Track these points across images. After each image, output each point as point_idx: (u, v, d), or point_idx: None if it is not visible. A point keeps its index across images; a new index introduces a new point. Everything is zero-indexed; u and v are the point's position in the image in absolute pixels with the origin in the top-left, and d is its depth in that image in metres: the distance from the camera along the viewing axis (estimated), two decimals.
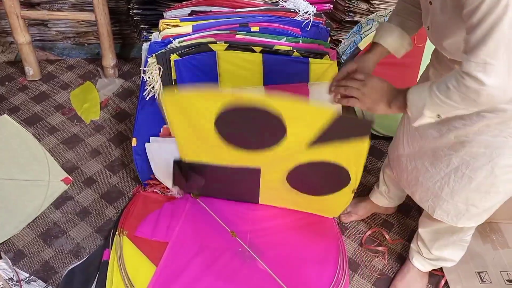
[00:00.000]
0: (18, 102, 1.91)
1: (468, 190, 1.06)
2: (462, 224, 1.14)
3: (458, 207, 1.10)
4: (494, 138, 0.95)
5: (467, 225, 1.15)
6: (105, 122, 1.88)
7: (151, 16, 1.83)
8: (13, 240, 1.44)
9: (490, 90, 0.77)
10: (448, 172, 1.06)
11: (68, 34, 2.19)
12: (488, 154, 0.98)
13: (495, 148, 0.97)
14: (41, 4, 2.04)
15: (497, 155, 0.97)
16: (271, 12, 1.52)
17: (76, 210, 1.55)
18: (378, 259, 1.50)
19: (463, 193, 1.07)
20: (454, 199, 1.09)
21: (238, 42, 1.44)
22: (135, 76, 2.09)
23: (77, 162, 1.71)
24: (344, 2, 1.94)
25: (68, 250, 1.44)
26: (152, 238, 1.43)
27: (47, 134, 1.79)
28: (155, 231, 1.45)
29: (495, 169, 0.99)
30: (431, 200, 1.15)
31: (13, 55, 2.14)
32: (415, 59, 1.86)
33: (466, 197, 1.08)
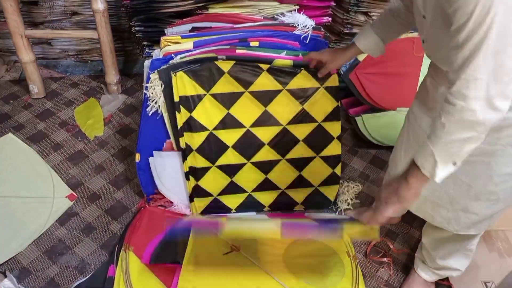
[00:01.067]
0: (22, 120, 1.94)
1: (468, 198, 1.06)
2: (464, 231, 1.14)
3: (458, 215, 1.10)
4: (492, 147, 0.96)
5: (468, 233, 1.15)
6: (109, 137, 1.90)
7: (152, 33, 1.86)
8: (18, 258, 1.45)
9: (483, 104, 0.77)
10: (447, 180, 1.06)
11: (71, 52, 2.22)
12: (486, 162, 0.98)
13: (493, 156, 0.97)
14: (45, 23, 2.08)
15: (496, 163, 0.98)
16: (270, 27, 1.53)
17: (80, 226, 1.56)
18: (383, 269, 1.50)
19: (462, 201, 1.07)
20: (454, 207, 1.09)
21: (239, 57, 1.46)
22: (138, 91, 2.12)
23: (81, 178, 1.72)
24: (343, 15, 1.97)
25: (73, 266, 1.44)
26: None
27: (52, 151, 1.81)
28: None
29: (494, 177, 1.00)
30: (430, 209, 1.16)
31: (18, 74, 2.18)
32: (414, 69, 1.88)
33: (465, 205, 1.08)
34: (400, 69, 1.89)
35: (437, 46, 0.93)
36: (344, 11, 1.96)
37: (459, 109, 0.78)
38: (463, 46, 0.76)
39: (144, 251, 1.43)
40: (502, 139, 0.94)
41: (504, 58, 0.74)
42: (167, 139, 1.53)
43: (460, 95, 0.78)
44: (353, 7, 1.92)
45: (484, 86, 0.76)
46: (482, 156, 0.98)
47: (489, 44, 0.73)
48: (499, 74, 0.75)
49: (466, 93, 0.77)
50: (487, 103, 0.77)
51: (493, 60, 0.74)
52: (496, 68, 0.75)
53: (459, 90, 0.78)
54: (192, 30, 1.57)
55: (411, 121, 1.17)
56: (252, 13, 1.70)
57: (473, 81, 0.76)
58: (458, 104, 0.78)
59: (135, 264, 1.39)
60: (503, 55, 0.74)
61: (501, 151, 0.96)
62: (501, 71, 0.75)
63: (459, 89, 0.78)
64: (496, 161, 0.97)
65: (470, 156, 0.96)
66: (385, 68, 1.88)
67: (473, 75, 0.76)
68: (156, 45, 1.88)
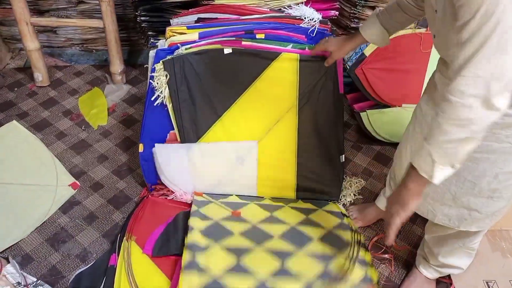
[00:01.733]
0: (27, 107, 1.94)
1: (471, 195, 1.05)
2: (464, 228, 1.14)
3: (461, 212, 1.10)
4: (500, 144, 0.95)
5: (469, 229, 1.14)
6: (113, 127, 1.89)
7: (158, 23, 1.85)
8: (21, 245, 1.45)
9: (482, 102, 0.76)
10: (450, 177, 1.05)
11: (76, 41, 2.22)
12: (492, 160, 0.98)
13: (500, 154, 0.96)
14: (50, 11, 2.07)
15: (502, 161, 0.97)
16: (277, 19, 1.52)
17: (83, 215, 1.56)
18: (384, 266, 1.50)
19: (465, 198, 1.07)
20: (457, 204, 1.09)
21: (244, 49, 1.45)
22: (142, 82, 2.11)
23: (84, 167, 1.72)
24: (350, 9, 1.95)
25: (75, 254, 1.45)
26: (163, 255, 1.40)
27: (55, 140, 1.81)
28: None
29: (499, 175, 0.99)
30: (430, 205, 1.15)
31: (23, 62, 2.18)
32: (420, 65, 1.86)
33: (468, 201, 1.07)
34: (406, 66, 1.87)
35: (447, 42, 0.92)
36: (351, 5, 1.94)
37: (455, 105, 0.78)
38: (466, 43, 0.75)
39: (146, 241, 1.43)
40: (510, 137, 0.93)
41: (506, 58, 0.74)
42: (171, 130, 1.53)
43: (457, 92, 0.77)
44: (360, 1, 1.90)
45: (485, 85, 0.75)
46: (488, 153, 0.97)
47: (493, 43, 0.73)
48: (500, 73, 0.74)
49: (464, 89, 0.76)
50: (485, 101, 0.76)
51: (496, 59, 0.74)
52: (497, 67, 0.74)
53: (457, 86, 0.77)
54: (197, 20, 1.56)
55: (418, 117, 1.16)
56: (259, 5, 1.69)
57: (473, 79, 0.76)
58: (454, 100, 0.78)
59: (137, 254, 1.39)
60: (505, 54, 0.73)
61: (509, 149, 0.95)
62: (503, 71, 0.74)
63: (457, 86, 0.77)
64: (502, 158, 0.96)
65: (475, 152, 0.96)
66: (392, 64, 1.87)
67: (474, 73, 0.75)
68: (161, 35, 1.88)
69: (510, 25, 0.71)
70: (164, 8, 1.82)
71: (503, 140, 0.94)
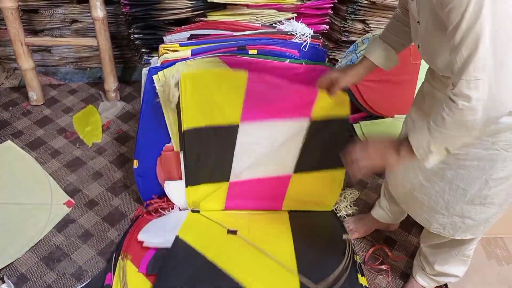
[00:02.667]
0: (21, 126, 1.94)
1: (463, 203, 1.06)
2: (459, 236, 1.14)
3: (454, 220, 1.11)
4: (486, 151, 0.96)
5: (463, 237, 1.15)
6: (107, 144, 1.90)
7: (151, 40, 1.88)
8: (15, 264, 1.44)
9: (485, 103, 0.76)
10: (443, 185, 1.07)
11: (70, 59, 2.23)
12: (481, 167, 0.99)
13: (487, 161, 0.97)
14: (45, 31, 2.10)
15: (490, 168, 0.98)
16: (269, 35, 1.54)
17: (78, 233, 1.55)
18: (381, 277, 1.49)
19: (458, 205, 1.08)
20: (450, 212, 1.10)
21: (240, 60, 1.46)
22: (136, 98, 2.13)
23: (79, 185, 1.72)
24: (340, 23, 1.99)
25: (71, 273, 1.43)
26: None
27: (50, 158, 1.81)
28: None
29: (489, 181, 1.00)
30: (426, 214, 1.16)
31: (17, 81, 2.19)
32: (412, 76, 1.89)
33: (461, 209, 1.08)
34: (397, 77, 1.90)
35: (433, 51, 0.94)
36: (341, 19, 1.98)
37: (461, 108, 0.78)
38: (460, 47, 0.76)
39: (141, 260, 1.42)
40: (497, 144, 0.95)
41: (503, 56, 0.74)
42: (167, 143, 1.53)
43: (463, 96, 0.78)
44: (350, 15, 1.94)
45: (486, 86, 0.75)
46: (477, 161, 0.99)
47: (486, 42, 0.73)
48: (500, 72, 0.74)
49: (469, 93, 0.77)
50: (490, 102, 0.76)
51: (493, 59, 0.74)
52: (497, 67, 0.74)
53: (461, 91, 0.78)
54: (190, 37, 1.59)
55: (409, 126, 1.18)
56: (251, 21, 1.72)
57: (474, 82, 0.76)
58: (460, 104, 0.78)
59: (132, 273, 1.38)
60: (502, 53, 0.73)
61: (495, 156, 0.96)
62: (503, 70, 0.74)
63: (461, 90, 0.78)
64: (491, 165, 0.98)
65: (465, 160, 0.98)
66: (383, 76, 1.90)
67: (474, 76, 0.75)
68: (154, 52, 1.90)
69: (500, 22, 0.72)
70: (157, 26, 1.84)
71: (490, 147, 0.95)
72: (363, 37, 1.90)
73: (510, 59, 0.74)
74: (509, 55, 0.74)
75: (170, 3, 1.74)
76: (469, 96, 0.77)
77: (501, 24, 0.72)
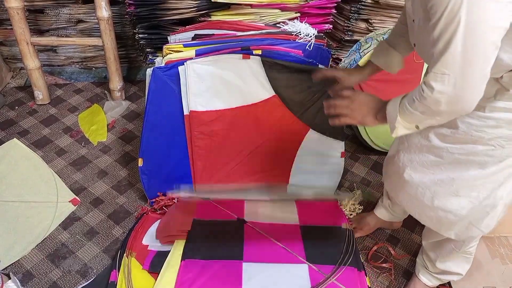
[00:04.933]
0: (27, 125, 1.96)
1: (448, 194, 1.07)
2: (445, 233, 1.15)
3: (439, 215, 1.11)
4: (482, 147, 0.97)
5: (448, 236, 1.15)
6: (112, 143, 1.92)
7: (156, 40, 1.89)
8: (21, 262, 1.46)
9: (448, 98, 0.81)
10: (432, 177, 1.08)
11: (76, 59, 2.25)
12: (476, 162, 1.00)
13: (483, 156, 0.98)
14: (50, 30, 2.12)
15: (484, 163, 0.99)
16: (273, 35, 1.54)
17: (83, 230, 1.57)
18: (384, 275, 1.50)
19: (442, 197, 1.08)
20: (434, 204, 1.10)
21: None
22: (141, 98, 2.14)
23: (84, 183, 1.74)
24: (343, 22, 1.99)
25: (76, 270, 1.45)
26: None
27: (56, 156, 1.83)
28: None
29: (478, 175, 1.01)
30: (417, 208, 1.17)
31: (23, 80, 2.21)
32: (415, 75, 1.89)
33: (445, 202, 1.08)
34: (400, 76, 1.88)
35: (426, 48, 0.95)
36: (345, 18, 1.98)
37: (426, 97, 0.83)
38: (437, 42, 0.79)
39: (146, 258, 1.43)
40: (493, 140, 0.95)
41: (473, 58, 0.76)
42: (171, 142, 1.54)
43: (429, 86, 0.82)
44: (353, 14, 1.94)
45: (452, 82, 0.79)
46: (473, 156, 1.00)
47: (458, 41, 0.75)
48: (468, 72, 0.77)
49: (434, 85, 0.81)
50: (454, 99, 0.80)
51: (462, 59, 0.76)
52: (465, 67, 0.77)
53: (429, 81, 0.82)
54: (194, 37, 1.60)
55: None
56: (254, 20, 1.73)
57: (440, 76, 0.79)
58: (426, 93, 0.83)
59: (137, 270, 1.40)
60: (471, 53, 0.76)
61: (491, 151, 0.97)
62: (469, 69, 0.77)
63: (429, 80, 0.82)
64: (486, 161, 0.99)
65: (460, 155, 1.01)
66: (386, 75, 1.87)
67: (441, 70, 0.79)
68: (159, 52, 1.91)
69: (474, 24, 0.74)
70: (161, 26, 1.86)
71: (486, 143, 0.96)
72: (367, 36, 1.90)
73: (478, 61, 0.76)
74: (479, 57, 0.76)
75: (174, 3, 1.75)
76: (433, 87, 0.81)
77: (475, 25, 0.74)
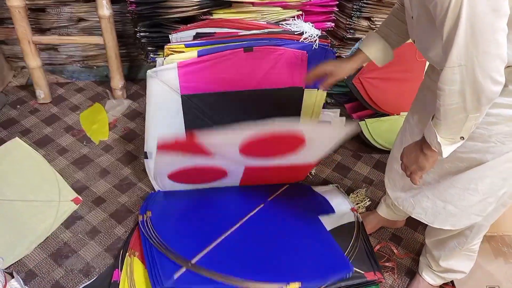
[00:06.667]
0: (29, 124, 1.96)
1: (447, 185, 1.08)
2: (438, 224, 1.15)
3: (436, 204, 1.11)
4: (483, 144, 0.98)
5: (442, 227, 1.15)
6: (114, 142, 1.91)
7: (157, 39, 1.88)
8: (24, 261, 1.46)
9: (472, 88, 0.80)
10: (435, 175, 1.09)
11: (77, 58, 2.25)
12: (478, 159, 1.00)
13: (484, 153, 0.99)
14: (52, 29, 2.11)
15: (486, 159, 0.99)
16: (276, 35, 1.52)
17: (85, 229, 1.57)
18: (387, 274, 1.49)
19: (441, 187, 1.09)
20: (434, 194, 1.10)
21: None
22: (142, 97, 2.14)
23: (86, 182, 1.73)
24: (345, 20, 1.98)
25: (78, 269, 1.45)
26: None
27: (57, 155, 1.83)
28: None
29: (479, 167, 1.01)
30: (411, 198, 1.17)
31: (25, 79, 2.21)
32: (417, 73, 1.88)
33: (444, 191, 1.09)
34: (403, 74, 1.90)
35: (426, 44, 0.95)
36: (347, 16, 1.97)
37: (448, 93, 0.82)
38: (447, 36, 0.79)
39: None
40: (493, 137, 0.96)
41: (484, 44, 0.76)
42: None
43: (448, 81, 0.81)
44: (355, 12, 1.93)
45: (470, 72, 0.78)
46: (475, 153, 1.00)
47: (467, 31, 0.75)
48: (484, 60, 0.77)
49: (453, 78, 0.80)
50: (475, 85, 0.79)
51: (475, 49, 0.76)
52: (479, 54, 0.77)
53: (446, 76, 0.81)
54: (196, 35, 1.59)
55: (411, 122, 1.18)
56: (256, 18, 1.72)
57: (458, 68, 0.79)
58: (446, 89, 0.82)
59: (139, 270, 1.39)
60: (483, 41, 0.76)
61: (492, 148, 0.97)
62: (486, 58, 0.77)
63: (446, 75, 0.81)
64: (487, 157, 0.99)
65: (462, 153, 1.00)
66: (388, 73, 1.89)
67: (457, 63, 0.79)
68: (160, 50, 1.90)
69: (479, 12, 0.74)
70: (163, 24, 1.85)
71: (487, 139, 0.96)
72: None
73: (490, 46, 0.76)
74: (490, 42, 0.76)
75: (176, 1, 1.75)
76: (453, 80, 0.80)
77: (479, 13, 0.74)
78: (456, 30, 0.76)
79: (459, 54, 0.78)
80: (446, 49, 0.80)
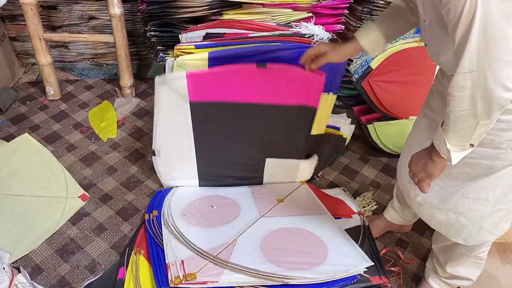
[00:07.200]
0: (38, 120, 1.98)
1: (458, 196, 1.07)
2: (453, 238, 1.15)
3: (449, 216, 1.11)
4: (494, 150, 0.97)
5: (456, 240, 1.15)
6: (122, 140, 1.92)
7: (167, 38, 1.89)
8: (31, 256, 1.47)
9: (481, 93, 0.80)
10: (445, 182, 1.08)
11: (87, 55, 2.26)
12: (488, 165, 1.00)
13: (494, 160, 0.98)
14: (63, 27, 2.13)
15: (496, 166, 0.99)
16: (286, 38, 1.51)
17: (92, 226, 1.58)
18: (393, 279, 1.48)
19: (453, 198, 1.08)
20: (446, 206, 1.10)
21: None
22: (151, 95, 2.15)
23: (94, 179, 1.74)
24: (355, 23, 1.97)
25: (84, 265, 1.46)
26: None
27: (66, 152, 1.84)
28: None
29: (489, 176, 1.01)
30: (427, 210, 1.16)
31: (35, 76, 2.23)
32: (427, 77, 1.87)
33: (455, 203, 1.08)
34: (412, 78, 1.89)
35: (437, 48, 0.95)
36: (357, 19, 1.97)
37: (458, 99, 0.82)
38: (459, 42, 0.79)
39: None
40: (504, 143, 0.95)
41: (496, 50, 0.76)
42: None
43: (458, 87, 0.81)
44: (366, 15, 1.92)
45: (481, 77, 0.78)
46: (485, 159, 0.99)
47: (480, 37, 0.75)
48: (496, 67, 0.77)
49: (464, 84, 0.80)
50: (486, 92, 0.79)
51: (487, 55, 0.76)
52: (491, 60, 0.76)
53: (457, 82, 0.81)
54: (206, 36, 1.59)
55: (419, 127, 1.18)
56: (266, 20, 1.72)
57: (469, 74, 0.79)
58: (456, 95, 0.82)
59: (145, 268, 1.40)
60: (494, 48, 0.76)
61: (502, 155, 0.97)
62: (498, 65, 0.77)
63: (457, 81, 0.81)
64: (497, 164, 0.99)
65: (472, 159, 0.99)
66: (398, 77, 1.88)
67: (469, 68, 0.78)
68: (170, 50, 1.91)
69: (492, 19, 0.74)
70: (173, 24, 1.86)
71: (497, 146, 0.96)
72: None
73: (502, 52, 0.76)
74: (501, 49, 0.76)
75: (186, 1, 1.75)
76: (464, 86, 0.80)
77: (492, 19, 0.74)
78: (468, 36, 0.76)
79: (471, 60, 0.77)
80: (458, 54, 0.80)
